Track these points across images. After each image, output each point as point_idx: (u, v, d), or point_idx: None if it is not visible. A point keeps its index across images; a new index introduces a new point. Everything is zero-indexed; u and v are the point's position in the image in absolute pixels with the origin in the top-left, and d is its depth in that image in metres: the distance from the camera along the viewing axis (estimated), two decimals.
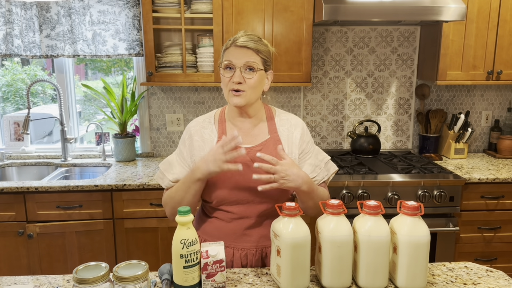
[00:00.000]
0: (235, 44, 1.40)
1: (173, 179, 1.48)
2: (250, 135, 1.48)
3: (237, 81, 1.38)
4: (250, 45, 1.39)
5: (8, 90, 3.36)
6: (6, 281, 1.31)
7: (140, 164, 2.84)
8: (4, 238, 2.39)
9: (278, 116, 1.53)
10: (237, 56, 1.39)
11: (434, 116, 3.02)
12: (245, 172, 1.41)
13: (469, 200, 2.52)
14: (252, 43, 1.40)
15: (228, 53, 1.42)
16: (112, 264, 1.25)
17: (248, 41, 1.40)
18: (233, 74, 1.39)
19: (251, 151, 1.43)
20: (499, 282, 1.29)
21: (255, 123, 1.49)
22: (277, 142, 1.47)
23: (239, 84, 1.39)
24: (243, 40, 1.40)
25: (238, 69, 1.38)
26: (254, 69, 1.40)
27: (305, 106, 3.05)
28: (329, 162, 1.53)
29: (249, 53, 1.39)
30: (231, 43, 1.42)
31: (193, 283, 1.19)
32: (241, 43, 1.39)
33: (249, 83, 1.39)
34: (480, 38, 2.68)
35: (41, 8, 2.68)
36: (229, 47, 1.42)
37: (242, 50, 1.39)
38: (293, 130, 1.50)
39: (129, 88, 3.02)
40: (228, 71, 1.41)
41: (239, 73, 1.38)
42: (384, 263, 1.23)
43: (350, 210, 1.55)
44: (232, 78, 1.39)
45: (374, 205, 1.23)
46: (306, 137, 1.52)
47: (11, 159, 2.97)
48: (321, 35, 2.96)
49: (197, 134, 1.49)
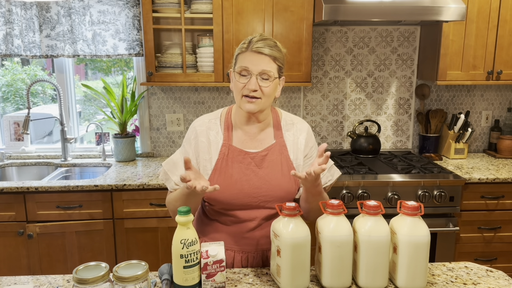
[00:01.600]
0: (252, 49, 1.35)
1: (178, 181, 1.43)
2: (256, 140, 1.46)
3: (252, 88, 1.34)
4: (267, 51, 1.35)
5: (8, 90, 3.36)
6: (6, 281, 1.31)
7: (140, 164, 2.84)
8: (4, 238, 2.39)
9: (284, 120, 1.51)
10: (254, 62, 1.34)
11: (434, 116, 3.02)
12: (250, 178, 1.40)
13: (469, 200, 2.52)
14: (269, 49, 1.35)
15: (243, 58, 1.37)
16: (112, 264, 1.24)
17: (265, 47, 1.35)
18: (248, 81, 1.35)
19: (256, 156, 1.42)
20: (499, 282, 1.29)
21: (262, 127, 1.47)
22: (282, 148, 1.45)
23: (254, 91, 1.35)
24: (261, 45, 1.35)
25: (254, 77, 1.34)
26: (270, 77, 1.36)
27: (305, 106, 3.05)
28: (333, 167, 1.51)
29: (266, 60, 1.35)
30: (246, 47, 1.37)
31: (193, 283, 1.19)
32: (258, 49, 1.34)
33: (264, 91, 1.36)
34: (480, 38, 2.68)
35: (41, 8, 2.68)
36: (244, 51, 1.37)
37: (259, 57, 1.34)
38: (299, 135, 1.48)
39: (129, 88, 3.02)
40: (243, 77, 1.36)
41: (255, 80, 1.34)
42: (384, 263, 1.23)
43: (350, 210, 1.55)
44: (247, 85, 1.35)
45: (374, 205, 1.23)
46: (311, 142, 1.51)
47: (11, 159, 2.97)
48: (321, 35, 2.96)
49: (203, 134, 1.45)
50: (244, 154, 1.41)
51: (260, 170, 1.41)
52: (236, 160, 1.42)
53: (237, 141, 1.45)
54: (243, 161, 1.41)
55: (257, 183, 1.40)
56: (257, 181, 1.40)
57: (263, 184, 1.40)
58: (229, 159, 1.42)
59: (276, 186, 1.41)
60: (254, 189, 1.40)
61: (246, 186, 1.40)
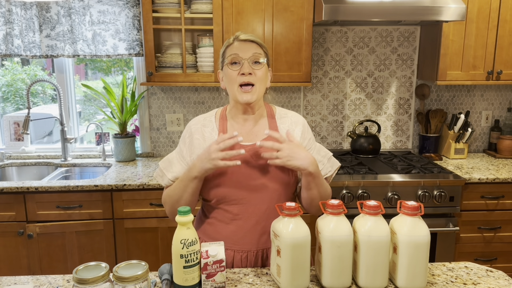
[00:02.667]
0: (239, 39, 1.44)
1: (173, 177, 1.48)
2: (251, 133, 1.48)
3: (247, 71, 1.39)
4: (253, 39, 1.45)
5: (8, 90, 3.36)
6: (6, 281, 1.31)
7: (140, 164, 2.84)
8: (4, 238, 2.39)
9: (279, 114, 1.53)
10: (243, 49, 1.41)
11: (434, 116, 3.02)
12: (245, 171, 1.41)
13: (469, 200, 2.52)
14: (254, 38, 1.46)
15: (232, 49, 1.43)
16: (112, 264, 1.24)
17: (250, 37, 1.45)
18: (241, 66, 1.40)
19: (252, 148, 1.44)
20: (499, 282, 1.29)
21: (256, 120, 1.49)
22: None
23: (249, 75, 1.39)
24: (246, 36, 1.45)
25: (246, 61, 1.40)
26: (260, 62, 1.42)
27: (305, 106, 3.05)
28: (332, 158, 1.53)
29: (254, 46, 1.44)
30: (233, 39, 1.46)
31: (193, 283, 1.19)
32: (245, 37, 1.44)
33: (258, 75, 1.41)
34: (480, 38, 2.68)
35: (41, 8, 2.68)
36: (232, 43, 1.45)
37: (247, 44, 1.43)
38: (294, 128, 1.50)
39: (129, 88, 3.02)
40: (235, 65, 1.41)
41: (247, 64, 1.40)
42: (384, 263, 1.23)
43: (350, 210, 1.55)
44: (240, 70, 1.40)
45: (374, 205, 1.23)
46: (307, 134, 1.52)
47: (11, 159, 2.97)
48: (321, 35, 2.96)
49: (197, 132, 1.49)
50: (239, 147, 1.43)
51: (255, 162, 1.43)
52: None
53: None
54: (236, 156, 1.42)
55: (253, 175, 1.41)
56: (253, 172, 1.41)
57: (259, 176, 1.42)
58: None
59: (273, 178, 1.42)
60: (251, 181, 1.41)
61: (242, 178, 1.41)
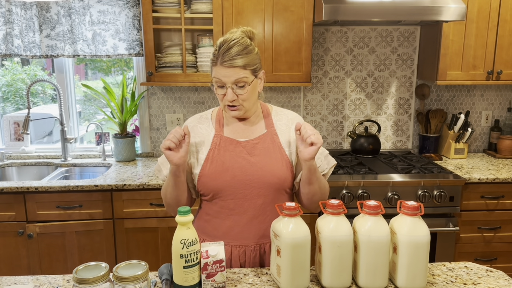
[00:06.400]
0: (220, 64, 1.35)
1: (167, 173, 1.50)
2: (247, 130, 1.49)
3: (230, 99, 1.38)
4: (235, 63, 1.34)
5: (8, 90, 3.36)
6: (6, 281, 1.31)
7: (140, 164, 2.84)
8: (4, 238, 2.39)
9: (275, 112, 1.55)
10: (225, 74, 1.36)
11: (434, 116, 3.02)
12: (242, 165, 1.42)
13: (469, 200, 2.52)
14: (237, 59, 1.34)
15: (215, 71, 1.39)
16: (112, 264, 1.25)
17: (233, 58, 1.34)
18: (225, 92, 1.38)
19: (248, 144, 1.45)
20: (499, 282, 1.29)
21: (253, 121, 1.51)
22: (274, 136, 1.48)
23: (234, 101, 1.39)
24: (227, 58, 1.34)
25: (230, 89, 1.37)
26: (245, 83, 1.38)
27: (305, 106, 3.05)
28: (328, 156, 1.54)
29: (237, 70, 1.35)
30: (216, 60, 1.37)
31: (193, 283, 1.19)
32: (225, 63, 1.34)
33: (243, 98, 1.39)
34: (480, 38, 2.68)
35: (41, 8, 2.68)
36: (216, 63, 1.37)
37: (229, 70, 1.35)
38: (291, 125, 1.51)
39: (129, 88, 3.02)
40: (220, 89, 1.40)
41: (231, 91, 1.37)
42: (384, 263, 1.23)
43: (350, 210, 1.55)
44: (225, 95, 1.39)
45: (374, 205, 1.23)
46: None
47: (11, 159, 2.97)
48: (321, 35, 2.96)
49: (193, 130, 1.50)
50: (235, 143, 1.45)
51: (252, 158, 1.43)
52: (228, 149, 1.45)
53: (228, 132, 1.49)
54: (235, 150, 1.45)
55: (249, 170, 1.42)
56: (249, 168, 1.42)
57: (255, 171, 1.42)
58: (221, 148, 1.45)
59: (269, 173, 1.42)
60: (247, 176, 1.42)
61: (238, 172, 1.42)
